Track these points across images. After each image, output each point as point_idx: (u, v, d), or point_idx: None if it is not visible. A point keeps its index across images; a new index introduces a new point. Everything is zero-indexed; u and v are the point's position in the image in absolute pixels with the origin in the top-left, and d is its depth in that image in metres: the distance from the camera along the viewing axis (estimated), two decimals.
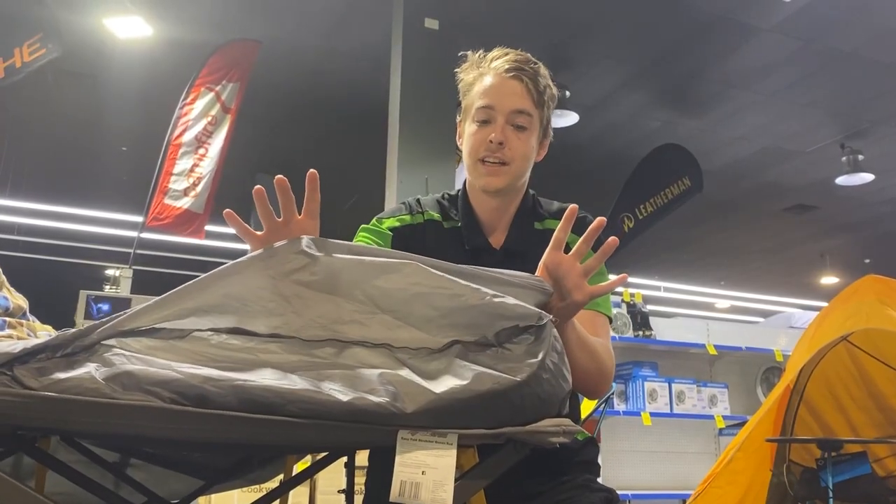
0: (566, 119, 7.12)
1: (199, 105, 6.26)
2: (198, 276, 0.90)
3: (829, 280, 12.95)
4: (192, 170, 6.24)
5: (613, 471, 4.52)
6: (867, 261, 13.03)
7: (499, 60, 1.51)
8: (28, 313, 0.98)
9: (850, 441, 2.69)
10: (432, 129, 5.05)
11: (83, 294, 5.70)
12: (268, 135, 8.41)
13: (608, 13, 6.08)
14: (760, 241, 12.04)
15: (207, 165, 6.31)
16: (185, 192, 6.21)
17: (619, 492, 4.61)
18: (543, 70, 1.54)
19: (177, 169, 6.17)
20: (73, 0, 5.76)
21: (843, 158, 8.37)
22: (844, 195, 9.67)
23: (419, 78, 5.09)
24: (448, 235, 1.53)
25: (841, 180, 8.60)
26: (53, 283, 8.72)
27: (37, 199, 8.95)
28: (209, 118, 6.32)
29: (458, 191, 1.61)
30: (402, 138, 4.98)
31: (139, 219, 6.36)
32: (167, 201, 6.16)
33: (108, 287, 6.81)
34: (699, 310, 13.72)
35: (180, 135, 6.19)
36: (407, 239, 1.50)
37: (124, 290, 6.41)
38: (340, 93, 7.33)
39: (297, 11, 6.06)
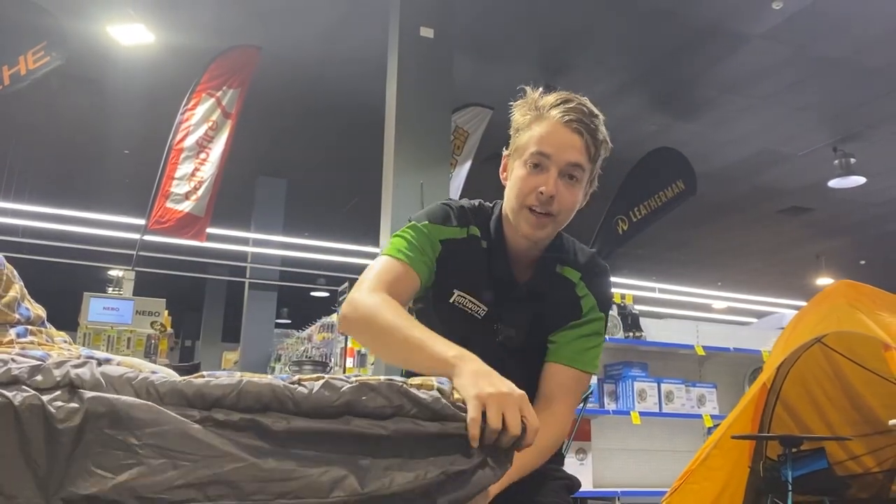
0: None
1: (201, 111, 6.39)
2: (197, 278, 1.02)
3: (824, 281, 13.03)
4: (193, 174, 6.37)
5: (603, 469, 4.63)
6: (862, 262, 13.14)
7: (559, 108, 1.46)
8: (46, 321, 1.10)
9: (809, 438, 2.81)
10: (427, 135, 5.17)
11: (87, 296, 5.83)
12: (268, 139, 8.54)
13: (602, 21, 6.20)
14: (756, 242, 12.16)
15: (208, 170, 6.43)
16: (187, 196, 6.33)
17: (608, 489, 4.70)
18: (601, 122, 1.49)
19: (178, 173, 6.30)
20: (77, 9, 5.89)
21: (836, 161, 8.48)
22: (838, 197, 9.79)
23: (414, 85, 5.20)
24: (484, 254, 1.54)
25: (833, 183, 8.73)
26: (57, 284, 8.85)
27: (41, 202, 9.08)
28: (210, 123, 6.44)
29: (492, 207, 1.60)
30: (397, 144, 5.09)
31: (141, 221, 6.48)
32: (169, 205, 6.28)
33: (111, 289, 6.94)
34: (696, 311, 13.82)
35: (182, 140, 6.31)
36: (453, 254, 1.52)
37: (127, 291, 6.54)
38: (339, 98, 7.45)
39: (296, 19, 6.18)
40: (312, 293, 13.92)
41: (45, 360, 0.82)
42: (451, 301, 1.52)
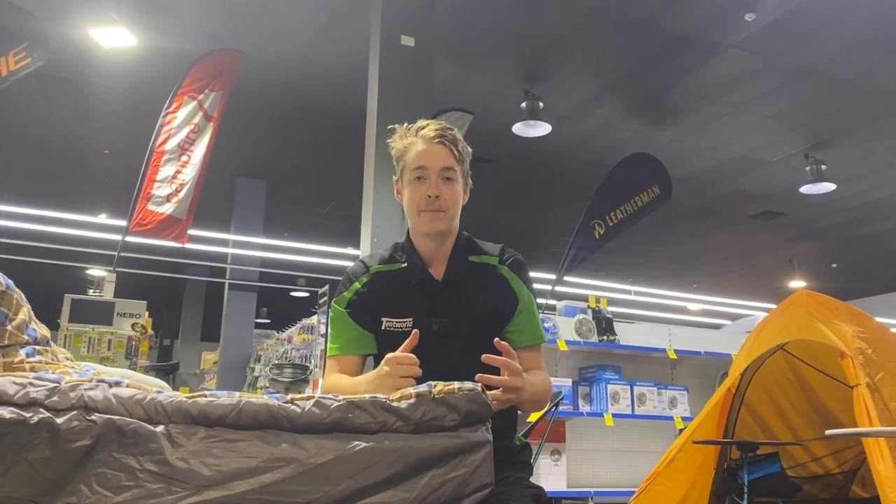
0: (539, 129, 7.35)
1: (182, 113, 6.41)
2: (178, 278, 1.12)
3: (797, 284, 13.30)
4: (174, 176, 6.39)
5: (577, 469, 4.75)
6: (834, 265, 13.41)
7: (424, 130, 1.84)
8: (50, 341, 1.18)
9: (764, 443, 2.95)
10: None
11: (68, 297, 5.86)
12: (250, 141, 8.58)
13: (580, 30, 6.32)
14: (731, 246, 12.38)
15: (190, 172, 6.46)
16: (168, 199, 6.36)
17: (582, 490, 4.83)
18: (458, 134, 1.88)
19: (160, 176, 6.32)
20: (59, 11, 5.91)
21: (808, 168, 8.69)
22: (810, 203, 10.01)
23: (395, 92, 5.28)
24: (397, 275, 1.86)
25: (805, 189, 8.93)
26: (38, 285, 8.80)
27: (20, 202, 9.04)
28: (192, 126, 6.47)
29: (405, 238, 1.92)
30: (378, 150, 5.17)
31: (121, 222, 6.50)
32: (150, 207, 6.31)
33: (91, 290, 6.95)
34: (671, 313, 14.02)
35: (163, 142, 6.34)
36: (362, 300, 1.84)
37: (108, 293, 6.56)
38: (320, 101, 7.51)
39: (279, 23, 6.24)
40: (292, 293, 13.95)
41: (61, 382, 0.90)
42: (383, 329, 1.83)
